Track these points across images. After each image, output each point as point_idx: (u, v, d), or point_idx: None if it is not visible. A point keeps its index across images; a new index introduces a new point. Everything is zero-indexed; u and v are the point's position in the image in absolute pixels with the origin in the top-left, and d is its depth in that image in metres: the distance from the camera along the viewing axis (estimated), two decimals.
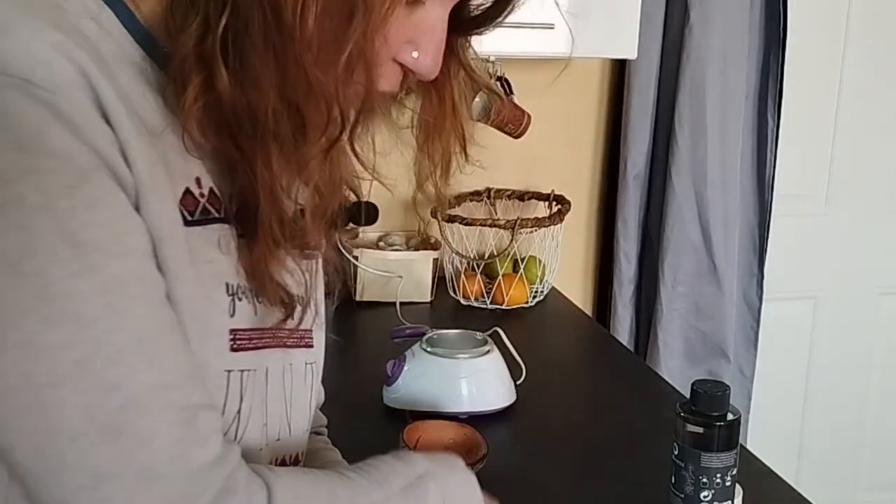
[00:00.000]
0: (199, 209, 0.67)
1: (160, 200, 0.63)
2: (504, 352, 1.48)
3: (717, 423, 1.04)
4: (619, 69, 2.13)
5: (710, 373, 2.15)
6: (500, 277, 1.91)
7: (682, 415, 1.06)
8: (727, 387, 1.06)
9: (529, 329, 1.87)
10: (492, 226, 1.92)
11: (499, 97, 1.82)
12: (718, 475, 1.04)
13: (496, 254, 1.95)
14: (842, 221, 2.46)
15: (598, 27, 1.66)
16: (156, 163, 0.63)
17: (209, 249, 0.68)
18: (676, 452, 1.07)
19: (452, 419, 1.30)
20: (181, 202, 0.66)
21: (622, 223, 2.12)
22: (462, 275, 1.93)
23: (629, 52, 1.81)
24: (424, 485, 0.74)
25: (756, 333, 2.25)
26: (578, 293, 2.23)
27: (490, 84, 1.77)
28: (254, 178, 0.66)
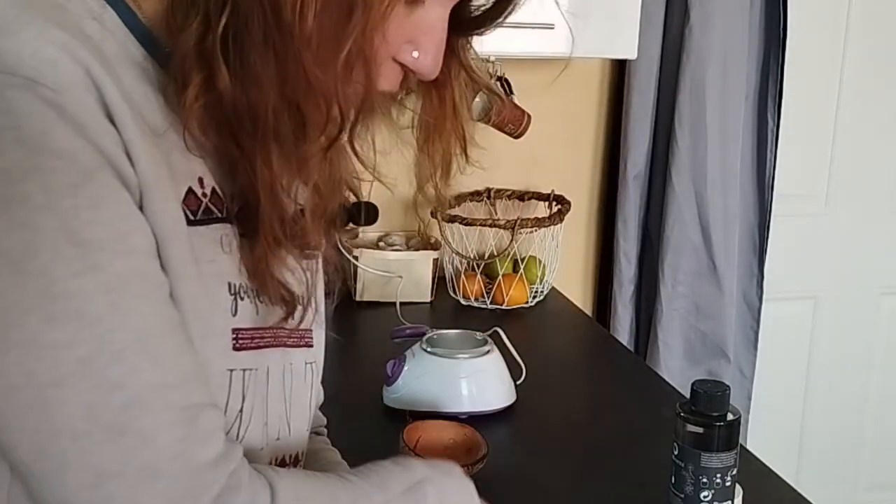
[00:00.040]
0: (202, 209, 0.67)
1: (163, 200, 0.63)
2: (504, 352, 1.48)
3: (717, 423, 1.04)
4: (619, 69, 2.13)
5: (710, 373, 2.15)
6: (500, 277, 1.91)
7: (682, 415, 1.06)
8: (727, 387, 1.06)
9: (529, 329, 1.87)
10: (492, 226, 1.92)
11: (499, 97, 1.82)
12: (718, 475, 1.04)
13: (496, 254, 1.95)
14: (842, 221, 2.46)
15: (598, 27, 1.66)
16: (159, 162, 0.63)
17: (211, 249, 0.68)
18: (676, 452, 1.07)
19: (452, 419, 1.30)
20: (184, 202, 0.66)
21: (622, 223, 2.12)
22: (462, 275, 1.93)
23: (629, 53, 1.81)
24: (423, 489, 0.74)
25: (756, 333, 2.25)
26: (578, 293, 2.23)
27: (490, 84, 1.76)
28: (254, 177, 0.66)
